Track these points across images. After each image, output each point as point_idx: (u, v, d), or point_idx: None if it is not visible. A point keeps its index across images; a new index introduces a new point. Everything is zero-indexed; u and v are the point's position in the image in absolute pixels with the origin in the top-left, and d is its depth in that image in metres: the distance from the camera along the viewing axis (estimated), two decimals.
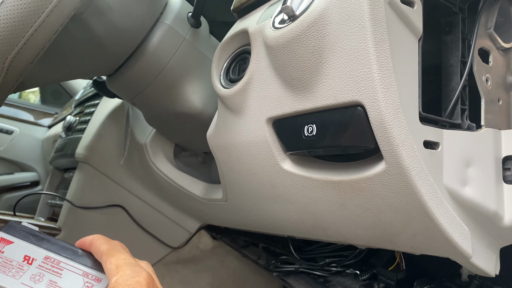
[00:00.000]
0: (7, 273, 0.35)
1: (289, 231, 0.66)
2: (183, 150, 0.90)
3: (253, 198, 0.62)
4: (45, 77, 0.64)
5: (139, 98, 0.71)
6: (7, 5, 0.41)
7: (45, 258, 0.37)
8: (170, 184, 0.86)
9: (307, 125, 0.45)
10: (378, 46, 0.37)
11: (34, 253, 0.37)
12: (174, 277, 1.10)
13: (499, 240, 0.47)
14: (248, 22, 0.54)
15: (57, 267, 0.37)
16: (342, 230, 0.53)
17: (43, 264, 0.37)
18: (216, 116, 0.62)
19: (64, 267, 0.37)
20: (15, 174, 2.09)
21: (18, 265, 0.36)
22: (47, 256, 0.37)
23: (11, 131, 2.14)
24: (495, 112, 0.49)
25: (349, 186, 0.45)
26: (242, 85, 0.53)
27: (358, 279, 0.72)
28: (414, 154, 0.39)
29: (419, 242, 0.45)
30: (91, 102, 1.26)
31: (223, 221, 0.88)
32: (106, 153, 1.05)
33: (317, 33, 0.40)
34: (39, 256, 0.37)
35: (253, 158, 0.55)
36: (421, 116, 0.41)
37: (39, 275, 0.36)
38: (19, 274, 0.36)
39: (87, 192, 1.07)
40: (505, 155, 0.47)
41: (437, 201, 0.41)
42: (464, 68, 0.47)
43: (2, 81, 0.45)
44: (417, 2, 0.42)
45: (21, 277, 0.35)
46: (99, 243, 0.37)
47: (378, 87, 0.37)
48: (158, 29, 0.66)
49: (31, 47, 0.44)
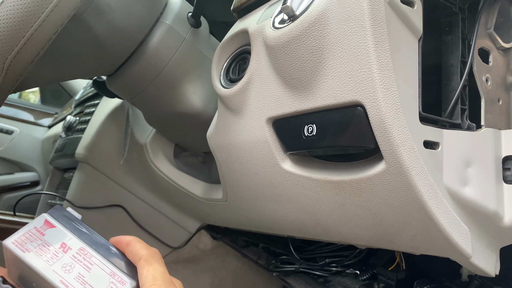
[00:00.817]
0: (42, 257, 0.36)
1: (289, 231, 0.66)
2: (183, 150, 0.90)
3: (253, 198, 0.62)
4: (45, 77, 0.64)
5: (139, 98, 0.71)
6: (7, 5, 0.41)
7: (79, 249, 0.38)
8: (170, 184, 0.86)
9: (307, 125, 0.45)
10: (378, 46, 0.37)
11: (71, 242, 0.38)
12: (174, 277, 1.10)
13: (499, 240, 0.47)
14: (248, 22, 0.54)
15: (88, 261, 0.37)
16: (342, 230, 0.53)
17: (77, 255, 0.37)
18: (216, 116, 0.62)
19: (94, 262, 0.37)
20: (15, 174, 2.09)
21: (54, 251, 0.37)
22: (81, 247, 0.38)
23: (11, 131, 2.14)
24: (495, 112, 0.49)
25: (349, 186, 0.45)
26: (242, 85, 0.53)
27: (358, 279, 0.72)
28: (414, 154, 0.39)
29: (419, 242, 0.45)
30: (91, 102, 1.26)
31: (223, 221, 0.88)
32: (106, 153, 1.05)
33: (317, 33, 0.40)
34: (75, 246, 0.38)
35: (253, 158, 0.55)
36: (421, 116, 0.41)
37: (70, 265, 0.36)
38: (53, 260, 0.36)
39: (87, 192, 1.07)
40: (505, 155, 0.47)
41: (437, 201, 0.41)
42: (464, 68, 0.47)
43: (2, 81, 0.45)
44: (417, 2, 0.42)
45: (54, 264, 0.36)
46: (138, 246, 0.38)
47: (378, 87, 0.37)
48: (158, 29, 0.66)
49: (31, 47, 0.44)
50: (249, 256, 0.94)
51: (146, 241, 0.40)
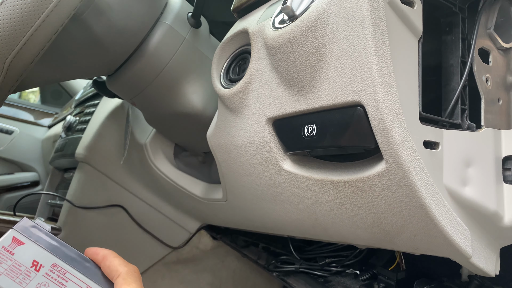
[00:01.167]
0: (14, 279, 0.35)
1: (289, 231, 0.66)
2: (183, 150, 0.90)
3: (253, 198, 0.62)
4: (45, 77, 0.64)
5: (139, 98, 0.71)
6: (7, 5, 0.41)
7: (52, 265, 0.37)
8: (170, 184, 0.86)
9: (307, 125, 0.45)
10: (378, 46, 0.37)
11: (43, 259, 0.37)
12: (174, 277, 1.10)
13: (499, 240, 0.47)
14: (248, 22, 0.54)
15: (62, 277, 0.36)
16: (342, 230, 0.53)
17: (50, 272, 0.36)
18: (216, 116, 0.62)
19: (69, 278, 0.36)
20: (15, 174, 2.09)
21: (26, 271, 0.36)
22: (54, 263, 0.37)
23: (11, 131, 2.14)
24: (495, 112, 0.49)
25: (349, 186, 0.45)
26: (242, 85, 0.53)
27: (358, 279, 0.72)
28: (414, 154, 0.39)
29: (419, 242, 0.45)
30: (91, 102, 1.26)
31: (223, 221, 0.88)
32: (106, 153, 1.05)
33: (317, 33, 0.40)
34: (47, 262, 0.36)
35: (253, 158, 0.55)
36: (421, 116, 0.41)
37: (44, 285, 0.35)
38: (25, 281, 0.35)
39: (87, 192, 1.07)
40: (505, 155, 0.47)
41: (437, 201, 0.41)
42: (464, 68, 0.47)
43: (2, 81, 0.45)
44: (417, 2, 0.42)
45: (27, 286, 0.35)
46: (116, 262, 0.37)
47: (378, 87, 0.37)
48: (158, 29, 0.66)
49: (31, 47, 0.44)
50: (249, 256, 0.94)
51: (146, 241, 0.40)
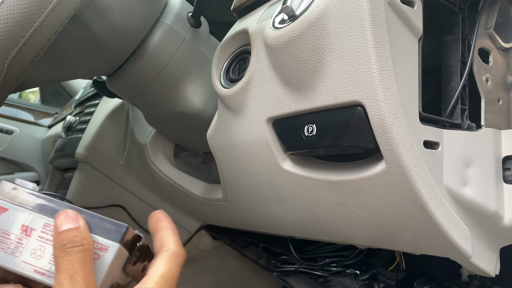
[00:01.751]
0: (6, 251, 0.32)
1: (289, 231, 0.66)
2: (183, 150, 0.90)
3: (253, 198, 0.62)
4: (45, 77, 0.64)
5: (139, 98, 0.71)
6: (7, 5, 0.41)
7: (44, 226, 0.33)
8: (170, 184, 0.86)
9: (307, 125, 0.45)
10: (378, 46, 0.37)
11: (32, 221, 0.33)
12: None
13: (499, 240, 0.47)
14: (248, 22, 0.54)
15: None
16: (342, 230, 0.53)
17: (43, 234, 0.32)
18: (216, 116, 0.62)
19: None
20: (15, 174, 2.09)
21: (16, 239, 0.32)
22: (46, 223, 0.33)
23: (11, 131, 2.14)
24: (495, 112, 0.49)
25: (349, 186, 0.45)
26: (242, 85, 0.53)
27: (358, 279, 0.72)
28: (414, 154, 0.39)
29: (419, 242, 0.45)
30: (91, 102, 1.26)
31: (223, 221, 0.88)
32: (106, 153, 1.05)
33: (317, 33, 0.40)
34: (38, 224, 0.33)
35: (253, 158, 0.55)
36: (421, 116, 0.41)
37: (40, 249, 0.32)
38: (19, 250, 0.32)
39: (87, 192, 1.07)
40: (505, 155, 0.47)
41: (437, 201, 0.41)
42: (464, 68, 0.47)
43: (2, 81, 0.45)
44: (417, 2, 0.42)
45: (21, 254, 0.32)
46: (172, 239, 0.38)
47: (378, 87, 0.37)
48: (158, 29, 0.66)
49: (31, 47, 0.44)
50: (249, 256, 0.94)
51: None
